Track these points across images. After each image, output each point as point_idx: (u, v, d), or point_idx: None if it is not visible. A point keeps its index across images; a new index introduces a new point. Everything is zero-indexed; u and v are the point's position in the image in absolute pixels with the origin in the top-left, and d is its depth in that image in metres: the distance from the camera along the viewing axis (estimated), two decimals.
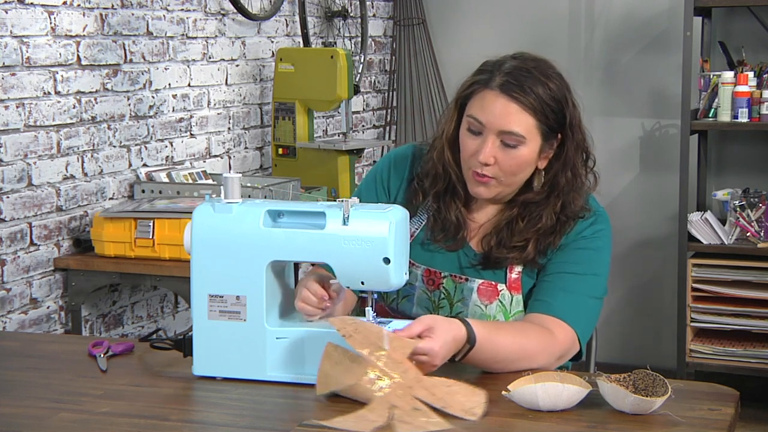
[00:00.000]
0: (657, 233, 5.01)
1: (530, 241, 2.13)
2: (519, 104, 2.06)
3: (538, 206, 2.14)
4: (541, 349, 2.01)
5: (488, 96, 2.08)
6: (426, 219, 2.20)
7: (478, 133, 2.09)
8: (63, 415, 1.79)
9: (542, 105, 2.07)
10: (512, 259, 2.14)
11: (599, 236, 2.16)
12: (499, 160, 2.08)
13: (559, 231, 2.14)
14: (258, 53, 4.35)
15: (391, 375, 1.77)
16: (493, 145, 2.07)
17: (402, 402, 1.74)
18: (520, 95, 2.06)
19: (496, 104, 2.07)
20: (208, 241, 1.92)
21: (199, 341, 1.94)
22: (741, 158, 4.86)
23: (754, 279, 4.39)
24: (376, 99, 5.29)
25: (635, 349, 5.05)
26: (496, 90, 2.07)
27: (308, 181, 4.10)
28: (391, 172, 2.27)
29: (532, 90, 2.07)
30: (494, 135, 2.07)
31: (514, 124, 2.06)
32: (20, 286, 3.22)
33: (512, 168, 2.09)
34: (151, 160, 3.72)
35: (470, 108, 2.11)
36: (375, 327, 1.82)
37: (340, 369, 1.80)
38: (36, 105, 3.22)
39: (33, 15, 3.21)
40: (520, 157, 2.09)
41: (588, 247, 2.14)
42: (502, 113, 2.06)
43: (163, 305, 3.86)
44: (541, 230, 2.13)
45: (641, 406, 1.73)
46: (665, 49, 4.92)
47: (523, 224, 2.13)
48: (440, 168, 2.18)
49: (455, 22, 5.24)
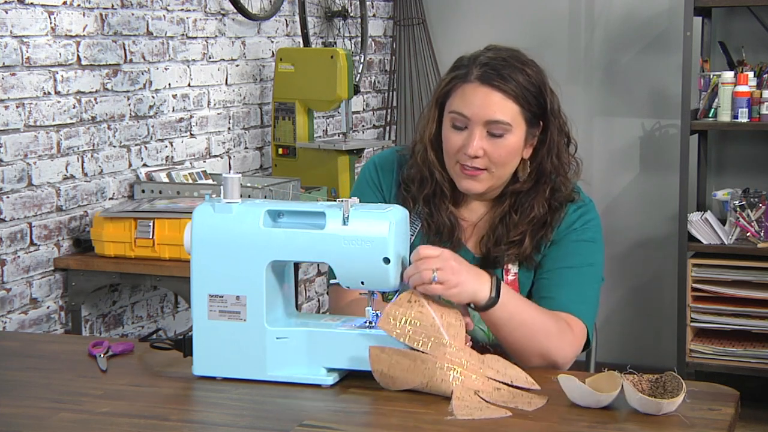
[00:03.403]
0: (657, 233, 5.01)
1: (526, 234, 2.14)
2: (501, 92, 2.07)
3: (528, 196, 2.16)
4: (560, 334, 2.03)
5: (469, 89, 2.09)
6: (420, 225, 2.21)
7: (463, 128, 2.10)
8: (63, 415, 1.79)
9: (523, 91, 2.08)
10: (510, 256, 2.14)
11: (589, 227, 2.17)
12: (488, 152, 2.09)
13: (551, 223, 2.15)
14: (258, 53, 4.35)
15: (459, 362, 1.81)
16: (480, 136, 2.08)
17: (482, 385, 1.82)
18: (500, 83, 2.07)
19: (478, 95, 2.08)
20: (208, 241, 1.92)
21: (199, 341, 1.94)
22: (741, 158, 4.86)
23: (754, 279, 4.39)
24: (376, 99, 5.29)
25: (635, 349, 5.05)
26: (476, 82, 2.08)
27: (308, 181, 4.10)
28: (380, 174, 2.26)
29: (511, 77, 2.08)
30: (480, 126, 2.08)
31: (499, 112, 2.07)
32: (20, 286, 3.22)
33: (502, 158, 2.10)
34: (151, 160, 3.72)
35: (451, 104, 2.12)
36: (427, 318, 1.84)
37: (400, 369, 1.83)
38: (36, 105, 3.22)
39: (33, 15, 3.21)
40: (509, 146, 2.10)
41: (580, 239, 2.15)
42: (485, 103, 2.07)
43: (163, 305, 3.86)
44: (534, 221, 2.14)
45: (650, 407, 1.74)
46: (665, 49, 4.92)
47: (518, 217, 2.14)
48: (425, 171, 2.18)
49: (455, 22, 5.24)
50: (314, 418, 1.75)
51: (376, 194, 2.25)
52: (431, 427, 1.75)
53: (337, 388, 1.89)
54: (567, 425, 1.73)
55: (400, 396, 1.84)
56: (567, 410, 1.77)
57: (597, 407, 1.77)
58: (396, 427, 1.74)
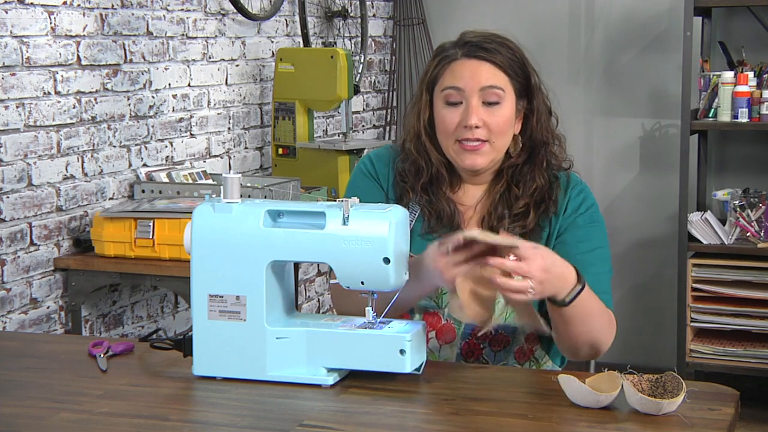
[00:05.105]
0: (657, 233, 5.01)
1: (530, 207, 2.17)
2: (490, 63, 2.14)
3: (525, 168, 2.19)
4: (610, 324, 2.09)
5: (457, 65, 2.15)
6: (419, 210, 2.21)
7: (458, 103, 2.13)
8: (63, 415, 1.79)
9: (510, 62, 2.15)
10: (515, 230, 2.16)
11: (593, 210, 2.21)
12: (486, 122, 2.12)
13: (550, 195, 2.18)
14: (258, 53, 4.35)
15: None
16: (477, 105, 2.12)
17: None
18: (488, 55, 2.14)
19: (468, 67, 2.14)
20: (208, 241, 1.92)
21: (199, 341, 1.94)
22: (741, 158, 4.86)
23: (754, 279, 4.39)
24: (376, 99, 5.29)
25: (635, 349, 5.04)
26: (464, 58, 2.14)
27: (308, 181, 4.10)
28: (376, 165, 2.28)
29: (496, 50, 2.14)
30: (476, 96, 2.12)
31: (492, 78, 2.13)
32: (20, 286, 3.22)
33: (500, 126, 2.14)
34: (151, 160, 3.72)
35: (443, 83, 2.16)
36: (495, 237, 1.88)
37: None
38: (36, 105, 3.22)
39: (33, 15, 3.21)
40: (505, 114, 2.14)
41: (588, 223, 2.19)
42: (476, 73, 2.13)
43: (163, 305, 3.86)
44: (536, 192, 2.17)
45: (650, 407, 1.74)
46: (665, 49, 4.92)
47: (520, 190, 2.18)
48: (420, 160, 2.21)
49: (455, 22, 5.24)
50: (314, 418, 1.75)
51: (374, 185, 2.26)
52: (431, 427, 1.75)
53: (337, 388, 1.89)
54: (567, 425, 1.73)
55: (400, 396, 1.84)
56: (567, 410, 1.77)
57: (597, 407, 1.77)
58: (396, 427, 1.75)
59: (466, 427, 1.72)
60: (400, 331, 1.90)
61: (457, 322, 2.17)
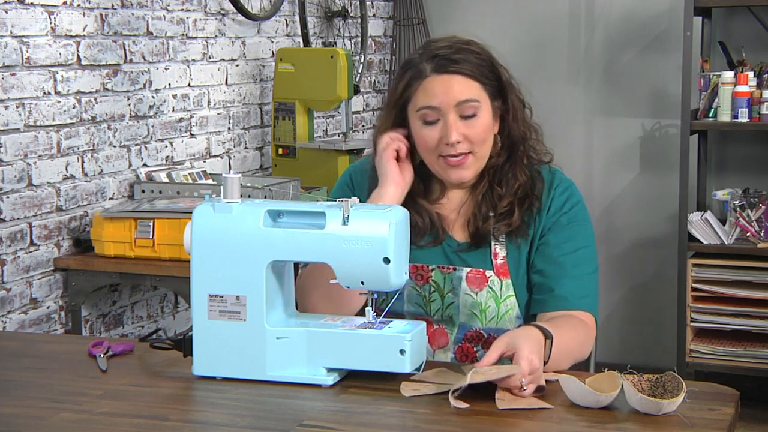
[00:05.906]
0: (657, 233, 5.01)
1: (514, 205, 2.17)
2: (460, 75, 2.12)
3: (506, 166, 2.19)
4: (586, 338, 2.10)
5: (428, 83, 2.13)
6: None
7: (435, 121, 2.13)
8: (63, 415, 1.79)
9: (478, 68, 2.14)
10: (501, 230, 2.16)
11: (578, 208, 2.21)
12: (466, 135, 2.12)
13: (533, 191, 2.18)
14: (258, 53, 4.35)
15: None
16: (455, 121, 2.11)
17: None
18: (456, 67, 2.12)
19: (440, 84, 2.12)
20: (208, 241, 1.92)
21: (199, 341, 1.94)
22: (741, 158, 4.86)
23: (754, 279, 4.39)
24: (376, 99, 5.29)
25: (635, 349, 5.05)
26: (433, 74, 2.13)
27: (308, 181, 4.10)
28: (354, 180, 2.28)
29: (464, 60, 2.13)
30: (453, 112, 2.11)
31: (465, 91, 2.12)
32: (20, 286, 3.22)
33: (480, 136, 2.13)
34: (151, 160, 3.72)
35: (416, 104, 2.15)
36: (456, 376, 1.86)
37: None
38: (36, 105, 3.22)
39: (33, 15, 3.21)
40: (483, 123, 2.14)
41: (572, 221, 2.18)
42: (449, 88, 2.12)
43: (163, 305, 3.86)
44: (519, 190, 2.17)
45: (650, 407, 1.74)
46: (665, 49, 4.92)
47: (503, 189, 2.18)
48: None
49: (455, 22, 5.23)
50: (314, 418, 1.75)
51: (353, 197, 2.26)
52: (431, 427, 1.75)
53: (337, 388, 1.89)
54: (567, 425, 1.73)
55: (400, 396, 1.84)
56: (567, 410, 1.77)
57: (597, 407, 1.77)
58: (396, 427, 1.75)
59: (466, 427, 1.72)
60: (401, 331, 1.90)
61: (449, 327, 2.18)
